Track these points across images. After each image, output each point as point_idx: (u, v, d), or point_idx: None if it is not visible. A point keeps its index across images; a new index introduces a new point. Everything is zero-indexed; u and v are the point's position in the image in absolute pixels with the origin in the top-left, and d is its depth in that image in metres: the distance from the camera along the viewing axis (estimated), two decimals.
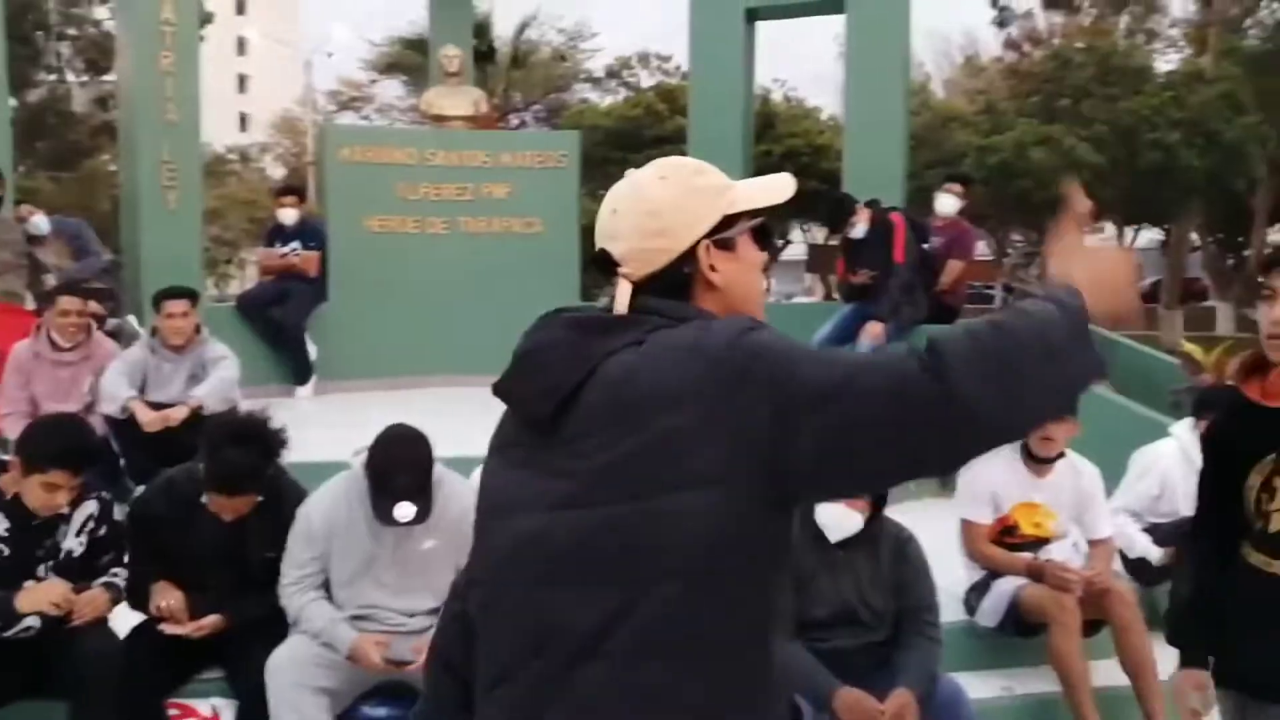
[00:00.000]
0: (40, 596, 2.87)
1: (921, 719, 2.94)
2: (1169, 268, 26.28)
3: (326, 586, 3.20)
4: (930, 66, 32.90)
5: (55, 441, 2.96)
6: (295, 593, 3.14)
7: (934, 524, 4.22)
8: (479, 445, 1.61)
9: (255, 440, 3.07)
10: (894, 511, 3.57)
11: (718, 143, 8.16)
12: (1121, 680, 3.56)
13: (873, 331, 6.07)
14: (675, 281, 1.40)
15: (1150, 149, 17.49)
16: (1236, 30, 24.16)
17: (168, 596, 3.13)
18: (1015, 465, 3.81)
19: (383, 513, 2.99)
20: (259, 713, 2.99)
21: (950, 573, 3.72)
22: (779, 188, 1.46)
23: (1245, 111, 18.02)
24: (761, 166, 20.69)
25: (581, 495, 1.29)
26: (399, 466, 2.98)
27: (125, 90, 7.79)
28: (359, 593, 3.16)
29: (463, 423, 1.28)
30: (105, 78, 24.64)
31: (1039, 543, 3.79)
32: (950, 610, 3.70)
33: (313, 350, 7.79)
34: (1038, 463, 3.78)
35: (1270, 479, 2.16)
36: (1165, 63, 23.34)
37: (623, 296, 1.39)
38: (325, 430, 6.34)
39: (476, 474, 3.55)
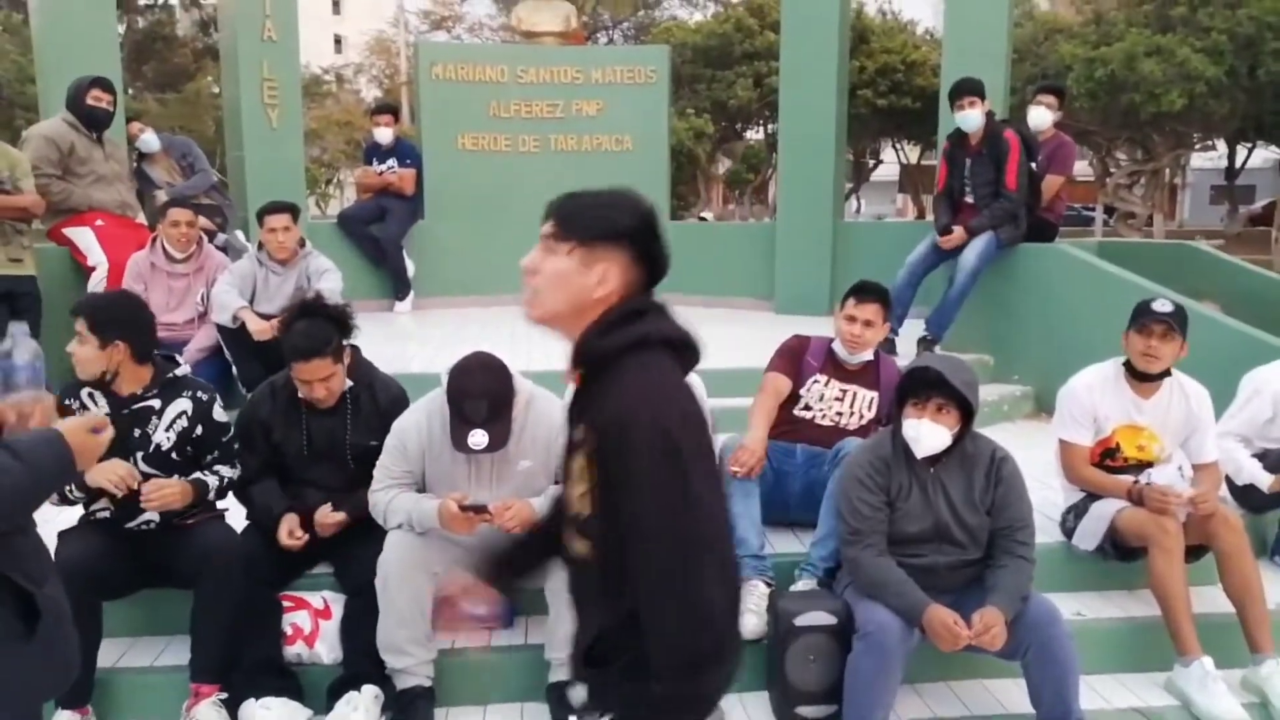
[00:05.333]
0: (102, 473, 2.91)
1: (1013, 638, 2.93)
2: None
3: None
4: None
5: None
6: (381, 492, 3.20)
7: (1027, 444, 4.16)
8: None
9: (319, 313, 3.25)
10: (987, 431, 3.51)
11: (811, 59, 7.93)
12: (1225, 607, 3.46)
13: (975, 248, 5.91)
14: None
15: (1272, 60, 16.33)
16: None
17: (293, 530, 3.28)
18: (1120, 386, 3.68)
19: (458, 440, 3.01)
20: (368, 606, 3.12)
21: (1039, 493, 3.63)
22: None
23: None
24: (855, 83, 20.12)
25: None
26: (474, 395, 2.99)
27: (226, 9, 7.93)
28: None
29: (555, 338, 1.30)
30: (206, 1, 25.17)
31: (1141, 466, 3.68)
32: (1045, 531, 3.65)
33: (411, 266, 7.96)
34: (1142, 381, 3.65)
35: None
36: None
37: None
38: (422, 345, 6.51)
39: (569, 389, 3.61)
